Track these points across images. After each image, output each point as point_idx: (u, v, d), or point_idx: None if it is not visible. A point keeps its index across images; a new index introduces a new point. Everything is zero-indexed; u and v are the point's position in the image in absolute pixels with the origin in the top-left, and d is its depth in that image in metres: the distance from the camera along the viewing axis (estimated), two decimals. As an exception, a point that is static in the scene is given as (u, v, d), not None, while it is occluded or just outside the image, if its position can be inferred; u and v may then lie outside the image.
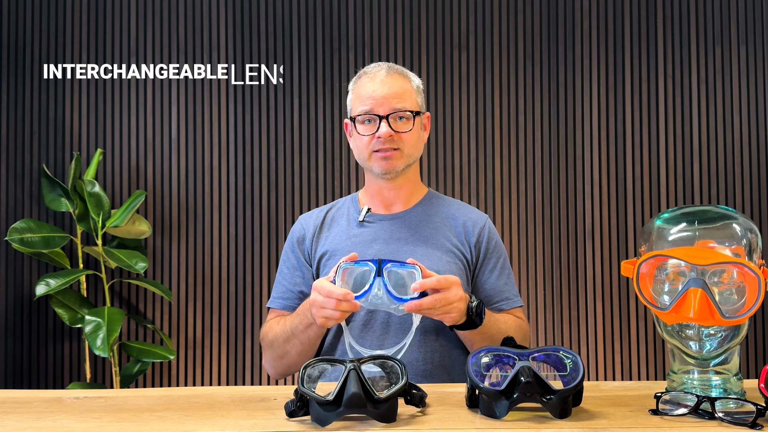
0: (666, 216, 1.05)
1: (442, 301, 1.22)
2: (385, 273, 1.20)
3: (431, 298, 1.21)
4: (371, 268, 1.20)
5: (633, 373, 2.86)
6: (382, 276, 1.19)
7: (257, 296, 2.90)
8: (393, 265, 1.21)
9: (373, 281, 1.19)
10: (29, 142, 2.91)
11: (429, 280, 1.21)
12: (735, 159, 2.90)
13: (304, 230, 1.57)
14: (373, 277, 1.19)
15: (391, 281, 1.20)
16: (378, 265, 1.20)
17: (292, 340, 1.41)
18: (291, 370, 1.49)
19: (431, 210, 1.56)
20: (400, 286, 1.23)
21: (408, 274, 1.23)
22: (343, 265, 1.23)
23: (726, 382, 1.02)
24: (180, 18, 2.94)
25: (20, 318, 2.89)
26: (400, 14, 2.94)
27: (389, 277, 1.20)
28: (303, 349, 1.42)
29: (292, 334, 1.40)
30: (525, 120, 2.93)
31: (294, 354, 1.43)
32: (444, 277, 1.23)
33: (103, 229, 2.67)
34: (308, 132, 2.93)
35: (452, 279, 1.24)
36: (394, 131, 1.45)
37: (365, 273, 1.23)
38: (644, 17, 2.92)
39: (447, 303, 1.23)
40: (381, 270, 1.19)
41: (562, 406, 0.95)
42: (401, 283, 1.24)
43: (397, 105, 1.46)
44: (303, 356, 1.43)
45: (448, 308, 1.24)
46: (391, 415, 0.96)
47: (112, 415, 1.04)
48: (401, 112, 1.46)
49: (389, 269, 1.21)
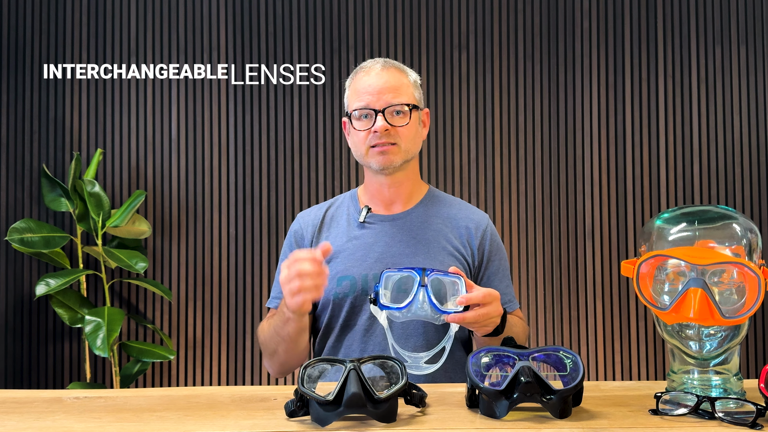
0: (666, 216, 1.05)
1: (485, 317, 1.22)
2: (429, 282, 1.16)
3: (475, 313, 1.20)
4: (414, 277, 1.17)
5: (633, 373, 2.86)
6: (426, 286, 1.16)
7: (257, 296, 2.90)
8: (436, 274, 1.18)
9: (417, 291, 1.16)
10: (29, 142, 2.91)
11: (475, 295, 1.20)
12: (735, 159, 2.90)
13: (303, 229, 1.55)
14: (417, 288, 1.16)
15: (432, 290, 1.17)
16: (422, 274, 1.16)
17: (275, 338, 1.40)
18: (286, 368, 1.48)
19: (432, 211, 1.54)
20: (440, 295, 1.21)
21: (451, 284, 1.21)
22: (387, 273, 1.21)
23: (726, 382, 1.02)
24: (180, 18, 2.94)
25: (20, 318, 2.89)
26: (400, 14, 2.94)
27: (431, 286, 1.17)
28: (288, 347, 1.40)
29: (276, 333, 1.40)
30: (525, 120, 2.93)
31: (282, 352, 1.42)
32: (488, 292, 1.22)
33: (103, 229, 2.67)
34: (308, 132, 2.93)
35: (495, 294, 1.24)
36: (390, 125, 1.43)
37: (407, 280, 1.20)
38: (644, 17, 2.92)
39: (488, 318, 1.23)
40: (425, 279, 1.16)
41: (562, 406, 0.95)
42: (441, 291, 1.22)
43: (393, 99, 1.43)
44: (291, 354, 1.42)
45: (487, 322, 1.25)
46: (391, 415, 0.96)
47: (112, 415, 1.04)
48: (397, 105, 1.44)
49: (432, 278, 1.17)
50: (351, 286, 1.45)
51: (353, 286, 1.45)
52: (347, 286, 1.45)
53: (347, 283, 1.46)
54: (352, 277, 1.46)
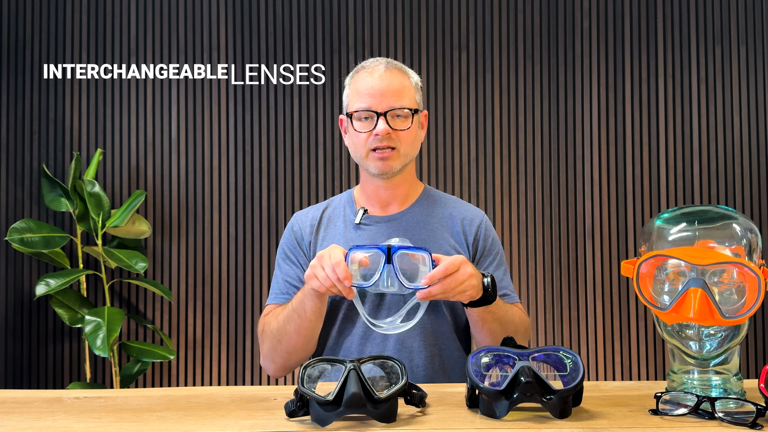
0: (666, 216, 1.05)
1: (453, 284, 1.21)
2: (395, 259, 1.18)
3: (440, 285, 1.20)
4: (380, 255, 1.19)
5: (633, 373, 2.86)
6: (392, 263, 1.18)
7: (257, 296, 2.90)
8: (403, 250, 1.19)
9: (383, 270, 1.18)
10: (29, 142, 2.91)
11: (436, 271, 1.19)
12: (735, 159, 2.90)
13: (302, 229, 1.55)
14: (383, 265, 1.18)
15: (401, 266, 1.19)
16: (387, 252, 1.18)
17: (292, 315, 1.37)
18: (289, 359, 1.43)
19: (428, 210, 1.54)
20: (411, 270, 1.22)
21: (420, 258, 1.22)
22: (354, 250, 1.21)
23: (726, 382, 1.02)
24: (180, 18, 2.94)
25: (20, 318, 2.89)
26: (400, 14, 2.94)
27: (399, 261, 1.19)
28: (300, 325, 1.36)
29: (293, 309, 1.37)
30: (525, 120, 2.93)
31: (292, 332, 1.38)
32: (450, 262, 1.21)
33: (103, 229, 2.67)
34: (308, 132, 2.93)
35: (458, 260, 1.22)
36: (391, 129, 1.42)
37: (375, 257, 1.21)
38: (644, 17, 2.92)
39: (458, 284, 1.22)
40: (391, 257, 1.18)
41: (562, 406, 0.95)
42: (412, 266, 1.23)
43: (395, 102, 1.42)
44: (300, 336, 1.38)
45: (461, 288, 1.23)
46: (391, 415, 0.96)
47: (112, 415, 1.04)
48: (399, 109, 1.43)
49: (399, 254, 1.19)
50: None
51: None
52: None
53: None
54: None
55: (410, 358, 1.43)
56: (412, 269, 1.23)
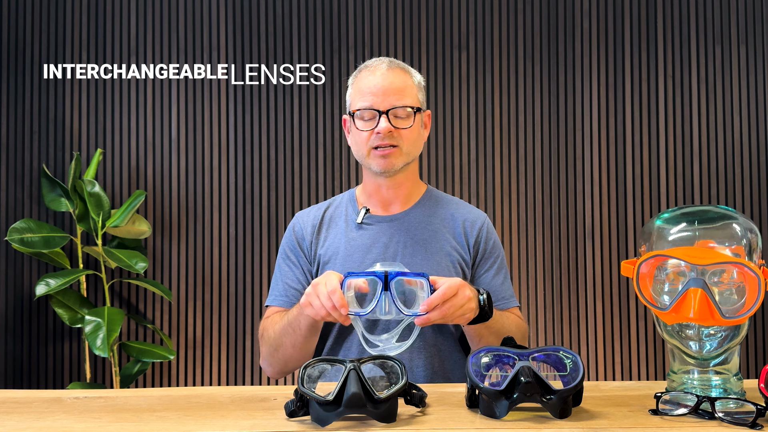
0: (666, 216, 1.05)
1: (452, 309, 1.20)
2: (392, 286, 1.16)
3: (438, 312, 1.19)
4: (377, 282, 1.17)
5: (633, 373, 2.86)
6: (389, 290, 1.16)
7: (257, 296, 2.90)
8: (399, 276, 1.17)
9: (380, 297, 1.16)
10: (29, 142, 2.91)
11: (434, 297, 1.18)
12: (735, 159, 2.90)
13: (303, 229, 1.54)
14: (380, 293, 1.16)
15: (398, 292, 1.18)
16: (384, 279, 1.16)
17: (287, 329, 1.38)
18: (286, 366, 1.45)
19: (430, 211, 1.54)
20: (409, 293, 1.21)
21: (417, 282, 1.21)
22: (349, 278, 1.20)
23: (726, 382, 1.02)
24: (180, 18, 2.94)
25: (20, 318, 2.89)
26: (400, 14, 2.94)
27: (397, 287, 1.17)
28: (296, 341, 1.38)
29: (288, 323, 1.38)
30: (525, 120, 2.93)
31: (288, 345, 1.40)
32: (447, 287, 1.20)
33: (103, 229, 2.67)
34: (308, 132, 2.93)
35: (455, 284, 1.21)
36: (393, 127, 1.42)
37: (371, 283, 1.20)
38: (644, 17, 2.92)
39: (457, 308, 1.21)
40: (388, 284, 1.16)
41: (562, 406, 0.95)
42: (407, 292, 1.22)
43: (397, 101, 1.43)
44: (296, 349, 1.39)
45: (459, 312, 1.23)
46: (391, 415, 0.96)
47: (112, 415, 1.04)
48: (401, 108, 1.43)
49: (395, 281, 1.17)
50: None
51: None
52: None
53: None
54: None
55: (410, 358, 1.43)
56: (410, 293, 1.22)
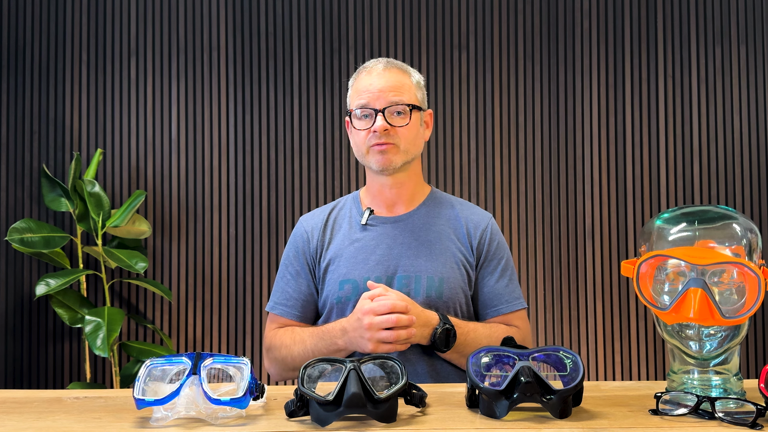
0: (666, 216, 1.05)
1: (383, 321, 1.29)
2: (203, 372, 0.97)
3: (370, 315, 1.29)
4: (186, 365, 0.99)
5: (633, 373, 2.86)
6: (198, 373, 0.97)
7: (257, 296, 2.90)
8: (216, 360, 0.99)
9: (184, 380, 0.96)
10: (29, 142, 2.91)
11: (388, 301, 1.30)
12: (735, 159, 2.90)
13: (308, 233, 1.54)
14: (186, 376, 0.97)
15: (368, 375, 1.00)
16: (195, 361, 0.98)
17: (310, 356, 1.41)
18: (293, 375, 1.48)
19: (434, 212, 1.53)
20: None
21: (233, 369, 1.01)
22: (151, 365, 1.01)
23: (726, 382, 1.02)
24: (180, 18, 2.94)
25: (20, 318, 2.89)
26: (400, 14, 2.94)
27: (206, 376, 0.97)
28: None
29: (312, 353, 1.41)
30: (525, 120, 2.92)
31: None
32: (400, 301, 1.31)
33: (103, 229, 2.67)
34: (308, 132, 2.92)
35: (403, 303, 1.31)
36: (390, 125, 1.42)
37: (179, 371, 1.02)
38: (644, 17, 2.92)
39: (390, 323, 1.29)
40: (198, 366, 0.97)
41: (562, 406, 0.95)
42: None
43: (394, 98, 1.42)
44: None
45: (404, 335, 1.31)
46: (391, 415, 0.96)
47: (112, 415, 1.04)
48: (398, 105, 1.42)
49: (209, 367, 0.98)
50: (353, 289, 1.45)
51: (355, 289, 1.45)
52: (349, 290, 1.45)
53: (349, 287, 1.45)
54: (354, 281, 1.45)
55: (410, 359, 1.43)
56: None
